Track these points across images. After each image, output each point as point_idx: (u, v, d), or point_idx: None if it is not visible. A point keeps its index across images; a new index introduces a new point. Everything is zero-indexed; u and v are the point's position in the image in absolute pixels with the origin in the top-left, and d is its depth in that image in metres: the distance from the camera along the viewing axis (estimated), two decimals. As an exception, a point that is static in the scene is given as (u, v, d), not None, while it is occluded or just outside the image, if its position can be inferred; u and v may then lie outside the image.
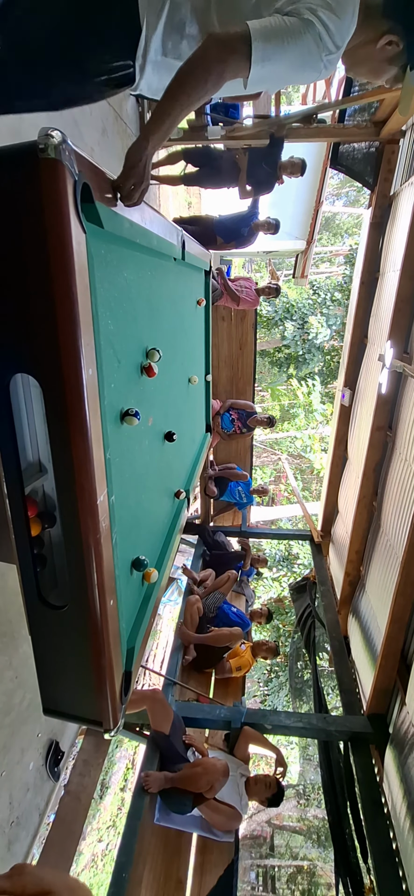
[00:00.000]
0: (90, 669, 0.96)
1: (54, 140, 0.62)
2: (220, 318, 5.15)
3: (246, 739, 3.02)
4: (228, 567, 4.67)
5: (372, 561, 3.58)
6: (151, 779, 2.60)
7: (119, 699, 1.03)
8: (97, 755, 3.13)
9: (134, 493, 1.27)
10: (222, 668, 3.85)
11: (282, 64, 0.89)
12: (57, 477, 0.83)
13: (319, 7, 0.88)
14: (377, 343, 3.66)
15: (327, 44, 0.90)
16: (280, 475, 12.81)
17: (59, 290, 0.68)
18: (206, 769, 2.63)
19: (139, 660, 1.18)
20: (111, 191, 0.90)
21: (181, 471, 2.08)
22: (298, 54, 0.89)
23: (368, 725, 2.92)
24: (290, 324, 10.06)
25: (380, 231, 3.83)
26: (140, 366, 1.27)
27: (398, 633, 2.73)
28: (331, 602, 4.32)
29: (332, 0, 0.89)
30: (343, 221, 16.41)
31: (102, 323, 0.92)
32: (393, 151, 3.55)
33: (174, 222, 2.01)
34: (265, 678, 8.81)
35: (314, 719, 3.24)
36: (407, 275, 2.98)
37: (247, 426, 5.06)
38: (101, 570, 0.90)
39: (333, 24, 0.89)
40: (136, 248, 1.21)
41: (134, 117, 3.48)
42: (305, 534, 5.64)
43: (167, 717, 2.82)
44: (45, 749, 2.39)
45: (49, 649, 1.00)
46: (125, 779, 7.87)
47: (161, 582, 1.40)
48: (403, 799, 2.32)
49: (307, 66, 0.92)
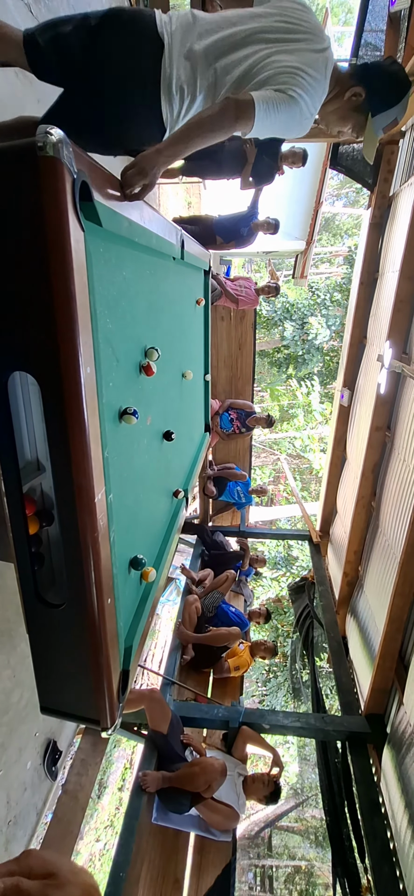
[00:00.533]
0: (88, 668, 0.96)
1: (53, 138, 0.62)
2: (219, 317, 5.15)
3: (244, 739, 3.02)
4: (227, 567, 4.68)
5: (370, 561, 3.58)
6: (149, 778, 2.60)
7: (117, 698, 1.03)
8: (95, 754, 3.13)
9: (132, 491, 1.26)
10: (221, 668, 3.85)
11: (275, 125, 1.20)
12: (55, 475, 0.83)
13: (302, 89, 1.17)
14: (376, 343, 3.66)
15: (306, 114, 1.22)
16: (279, 475, 12.81)
17: (57, 288, 0.68)
18: (203, 769, 2.63)
19: (137, 659, 1.18)
20: (114, 187, 0.90)
21: (180, 470, 2.08)
22: (286, 119, 1.19)
23: (366, 725, 2.92)
24: (289, 324, 10.07)
25: (379, 231, 3.83)
26: (139, 365, 1.27)
27: (396, 633, 2.74)
28: (329, 602, 4.33)
29: (311, 81, 1.19)
30: (343, 222, 16.42)
31: (101, 321, 0.92)
32: (392, 152, 3.56)
33: (174, 222, 2.01)
34: (264, 678, 8.82)
35: (312, 719, 3.24)
36: (406, 275, 2.98)
37: (246, 426, 5.06)
38: (99, 568, 0.90)
39: (311, 101, 1.21)
40: (136, 246, 1.21)
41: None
42: (303, 534, 5.64)
43: (165, 716, 2.82)
44: (43, 748, 2.39)
45: (47, 648, 1.00)
46: (123, 778, 7.87)
47: (159, 581, 1.40)
48: (400, 799, 2.33)
49: (292, 128, 1.24)
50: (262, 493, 5.67)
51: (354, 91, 1.28)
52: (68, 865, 0.45)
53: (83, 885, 0.44)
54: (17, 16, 1.75)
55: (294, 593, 5.23)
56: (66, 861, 0.45)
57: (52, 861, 0.44)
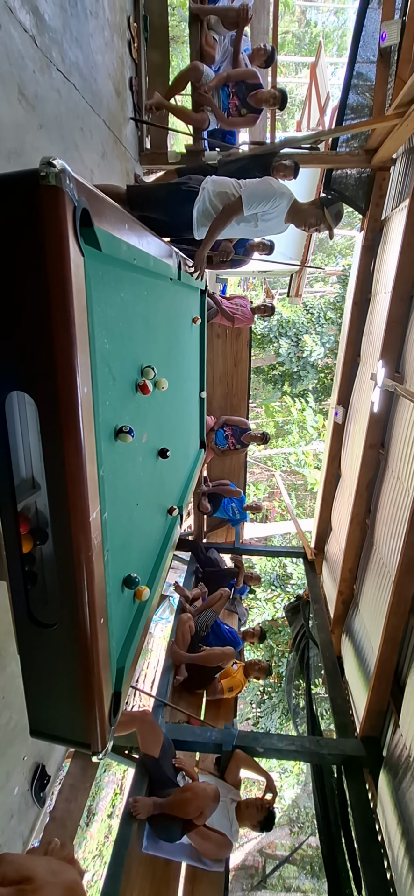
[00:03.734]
0: (79, 690, 0.95)
1: (55, 168, 0.64)
2: (215, 335, 5.20)
3: (237, 763, 2.96)
4: (221, 584, 4.64)
5: (365, 579, 3.57)
6: (140, 804, 2.53)
7: (108, 721, 1.02)
8: (84, 779, 3.04)
9: (127, 509, 1.26)
10: (214, 689, 3.78)
11: (257, 210, 2.31)
12: (50, 494, 0.83)
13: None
14: (370, 362, 3.71)
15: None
16: (274, 491, 12.80)
17: (56, 312, 0.69)
18: (196, 794, 2.56)
19: (129, 680, 1.17)
20: (113, 214, 0.94)
21: (175, 487, 2.08)
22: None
23: (362, 748, 2.87)
24: (284, 341, 10.20)
25: (372, 254, 3.92)
26: (135, 383, 1.28)
27: (391, 654, 2.72)
28: (324, 621, 4.29)
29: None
30: (336, 243, 16.77)
31: (98, 342, 0.93)
32: (384, 178, 3.66)
33: (170, 243, 2.05)
34: (258, 699, 8.66)
35: (307, 742, 3.19)
36: (398, 296, 3.05)
37: (241, 442, 5.07)
38: (93, 587, 0.89)
39: None
40: (134, 268, 1.23)
41: (133, 141, 3.56)
42: (298, 551, 5.62)
43: (157, 739, 2.76)
44: (31, 773, 2.32)
45: (38, 668, 0.98)
46: (113, 805, 7.63)
47: (153, 600, 1.39)
48: (397, 826, 2.28)
49: None
50: (256, 509, 5.66)
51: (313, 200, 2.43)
52: (46, 866, 0.43)
53: (64, 885, 0.42)
54: (21, 47, 1.80)
55: (290, 613, 5.19)
56: (45, 862, 0.43)
57: (27, 865, 0.42)
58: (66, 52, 2.23)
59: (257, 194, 2.29)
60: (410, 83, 2.62)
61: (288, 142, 3.80)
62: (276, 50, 3.56)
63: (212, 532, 6.05)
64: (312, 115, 7.70)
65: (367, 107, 3.57)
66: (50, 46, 2.05)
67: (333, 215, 2.24)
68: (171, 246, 1.90)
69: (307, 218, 2.32)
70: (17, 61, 1.78)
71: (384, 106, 3.31)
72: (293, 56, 15.78)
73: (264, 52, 3.45)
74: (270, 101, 3.37)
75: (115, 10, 3.05)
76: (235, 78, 3.43)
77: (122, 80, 3.23)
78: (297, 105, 13.85)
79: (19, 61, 1.80)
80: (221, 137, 3.76)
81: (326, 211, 2.23)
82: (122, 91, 3.23)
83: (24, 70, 1.83)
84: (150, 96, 3.65)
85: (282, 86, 3.63)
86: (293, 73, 16.15)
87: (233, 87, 3.44)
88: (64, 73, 2.21)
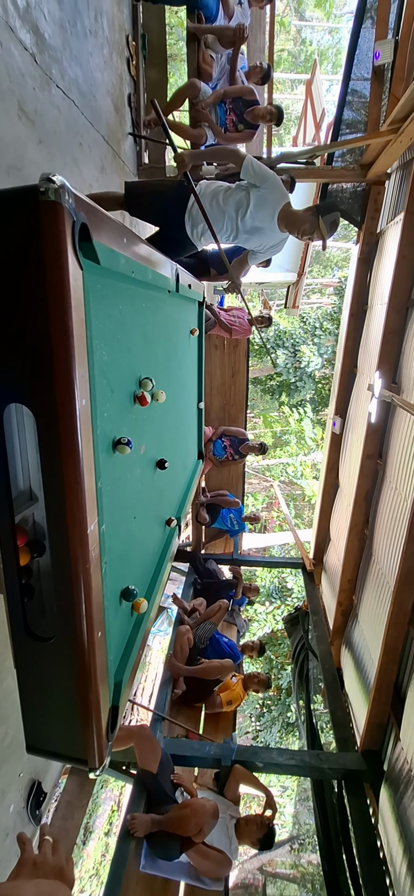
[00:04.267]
0: (76, 704, 0.94)
1: (54, 184, 0.64)
2: (213, 346, 5.23)
3: (236, 779, 2.91)
4: (220, 596, 4.60)
5: (364, 590, 3.56)
6: (138, 822, 2.49)
7: (105, 736, 1.00)
8: (81, 796, 2.99)
9: (125, 521, 1.26)
10: (213, 703, 3.74)
11: (253, 179, 2.26)
12: (48, 506, 0.83)
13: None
14: (367, 373, 3.74)
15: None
16: (272, 502, 12.79)
17: (55, 326, 0.70)
18: (194, 811, 2.52)
19: (127, 694, 1.15)
20: (113, 228, 0.95)
21: (173, 498, 2.07)
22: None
23: (363, 762, 2.84)
24: (282, 352, 10.26)
25: (368, 266, 3.97)
26: (133, 395, 1.29)
27: (391, 665, 2.70)
28: (323, 633, 4.26)
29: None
30: (333, 255, 16.98)
31: (97, 354, 0.94)
32: (379, 192, 3.72)
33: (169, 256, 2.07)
34: (257, 713, 8.56)
35: (307, 756, 3.14)
36: (394, 308, 3.08)
37: (239, 453, 5.08)
38: (90, 600, 0.88)
39: None
40: (132, 281, 1.24)
41: (131, 155, 3.62)
42: (297, 562, 5.60)
43: (155, 755, 2.72)
44: (27, 790, 2.28)
45: (34, 683, 0.97)
46: (110, 822, 7.48)
47: (151, 612, 1.38)
48: (399, 842, 2.24)
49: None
50: (255, 520, 5.65)
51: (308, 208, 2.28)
52: (34, 890, 0.41)
53: None
54: (22, 65, 1.84)
55: (289, 625, 5.15)
56: (33, 886, 0.42)
57: (13, 893, 0.41)
58: (65, 69, 2.27)
59: (256, 168, 2.23)
60: (404, 100, 2.68)
61: (284, 157, 3.87)
62: (272, 67, 3.65)
63: (210, 543, 6.03)
64: (307, 130, 7.85)
65: (361, 122, 3.64)
66: (50, 64, 2.09)
67: (327, 224, 2.13)
68: (170, 259, 1.92)
69: (301, 224, 2.20)
70: (17, 78, 1.81)
71: (379, 122, 3.38)
72: (289, 73, 16.10)
73: (261, 69, 3.53)
74: (267, 117, 3.44)
75: (115, 29, 3.11)
76: (232, 95, 3.49)
77: (120, 96, 3.29)
78: (293, 120, 14.10)
79: (19, 78, 1.83)
80: (218, 152, 3.81)
81: (320, 219, 2.12)
82: (120, 107, 3.29)
83: (24, 87, 1.86)
84: (148, 112, 3.71)
85: (278, 102, 3.71)
86: (289, 90, 16.48)
87: (230, 104, 3.50)
88: (63, 90, 2.25)
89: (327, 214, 2.13)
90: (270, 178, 2.23)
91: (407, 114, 2.77)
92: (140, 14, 3.71)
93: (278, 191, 2.25)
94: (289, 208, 2.26)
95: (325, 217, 2.12)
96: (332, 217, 2.14)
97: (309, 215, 2.16)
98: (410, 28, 2.93)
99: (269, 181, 2.22)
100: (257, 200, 2.26)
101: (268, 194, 2.24)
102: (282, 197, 2.26)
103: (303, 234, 2.22)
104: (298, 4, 14.88)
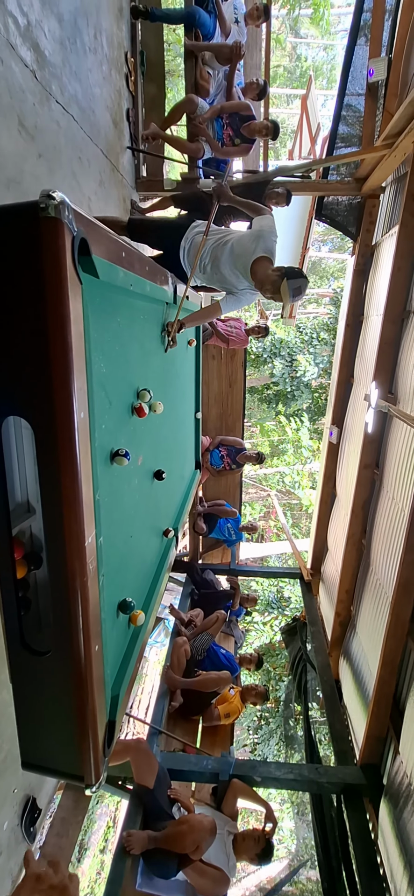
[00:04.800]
0: (73, 720, 0.93)
1: (55, 200, 0.65)
2: (210, 356, 5.26)
3: (234, 793, 2.87)
4: (217, 606, 4.57)
5: (362, 600, 3.54)
6: (134, 839, 2.44)
7: (102, 751, 0.99)
8: (76, 812, 2.93)
9: (122, 532, 1.25)
10: (210, 716, 3.70)
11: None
12: (45, 519, 0.82)
13: (243, 290, 2.35)
14: (363, 383, 3.76)
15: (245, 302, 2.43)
16: (269, 511, 12.77)
17: (54, 339, 0.70)
18: (192, 827, 2.48)
19: (124, 708, 1.14)
20: (111, 242, 0.95)
21: (170, 509, 2.07)
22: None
23: (362, 776, 2.80)
24: (278, 361, 10.31)
25: (363, 277, 4.02)
26: (131, 406, 1.29)
27: (390, 677, 2.68)
28: (321, 644, 4.24)
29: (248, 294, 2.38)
30: (329, 266, 17.16)
31: (95, 366, 0.94)
32: (374, 205, 3.78)
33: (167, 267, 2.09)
34: (255, 725, 8.46)
35: (305, 770, 3.10)
36: (390, 319, 3.11)
37: (236, 462, 5.08)
38: (87, 613, 0.88)
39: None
40: (130, 294, 1.25)
41: (130, 169, 3.66)
42: (294, 572, 5.58)
43: (151, 769, 2.68)
44: (22, 807, 2.24)
45: (30, 697, 0.96)
46: (105, 839, 7.34)
47: (148, 624, 1.37)
48: (399, 858, 2.21)
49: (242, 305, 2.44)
50: (252, 529, 5.63)
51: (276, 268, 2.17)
52: None
53: None
54: (22, 81, 1.86)
55: (287, 636, 5.11)
56: None
57: None
58: (65, 85, 2.30)
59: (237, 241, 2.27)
60: (398, 116, 2.73)
61: (281, 170, 3.92)
62: (268, 83, 3.71)
63: (207, 553, 6.00)
64: (303, 144, 7.97)
65: (356, 137, 3.71)
66: (50, 80, 2.12)
67: (291, 290, 2.02)
68: (167, 271, 1.94)
69: (265, 282, 2.13)
70: (17, 94, 1.84)
71: (373, 137, 3.45)
72: (285, 88, 16.40)
73: (257, 86, 3.59)
74: (263, 131, 3.50)
75: (114, 46, 3.16)
76: (229, 110, 3.55)
77: (119, 111, 3.33)
78: (289, 134, 14.33)
79: (20, 94, 1.86)
80: (215, 166, 3.87)
81: (284, 282, 2.01)
82: (119, 122, 3.33)
83: (24, 102, 1.89)
84: (146, 127, 3.77)
85: (274, 117, 3.77)
86: (285, 105, 16.77)
87: (227, 119, 3.56)
88: (63, 106, 2.28)
89: (293, 279, 2.04)
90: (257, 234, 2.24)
91: (401, 129, 2.82)
92: (139, 31, 3.78)
93: (261, 237, 2.23)
94: (262, 262, 2.17)
95: (290, 281, 2.03)
96: (296, 283, 2.04)
97: (274, 276, 2.08)
98: (403, 46, 3.00)
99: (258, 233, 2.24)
100: (235, 239, 2.30)
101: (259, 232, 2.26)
102: (263, 239, 2.22)
103: (264, 292, 2.17)
104: (294, 23, 15.20)
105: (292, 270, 2.09)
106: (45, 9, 2.06)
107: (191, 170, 3.79)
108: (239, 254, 2.25)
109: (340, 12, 15.16)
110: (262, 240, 2.21)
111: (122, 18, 3.38)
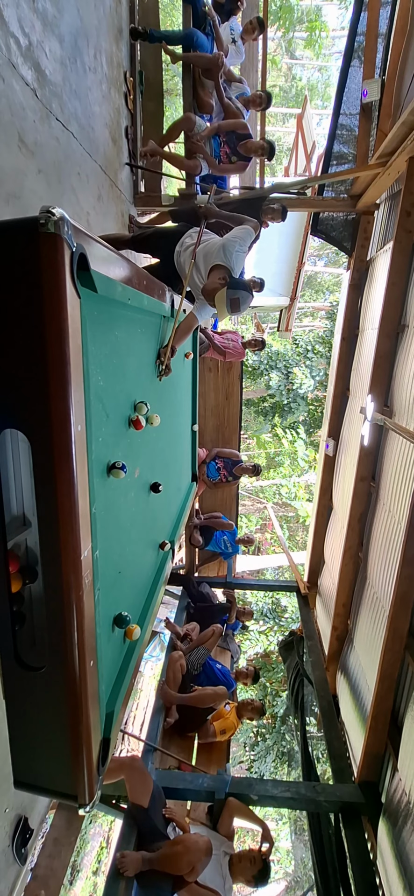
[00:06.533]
0: (67, 737, 0.91)
1: (54, 217, 0.66)
2: (207, 369, 5.28)
3: (230, 812, 2.81)
4: (213, 620, 4.53)
5: (359, 614, 3.52)
6: (128, 860, 2.38)
7: (96, 770, 0.97)
8: (69, 832, 2.86)
9: (118, 546, 1.25)
10: (206, 732, 3.64)
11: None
12: (41, 532, 0.82)
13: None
14: (359, 396, 3.79)
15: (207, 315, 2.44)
16: (266, 523, 12.74)
17: (52, 353, 0.70)
18: (187, 848, 2.42)
19: (118, 725, 1.12)
20: (109, 257, 0.96)
21: (166, 521, 2.06)
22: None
23: (360, 794, 2.76)
24: (275, 374, 10.38)
25: (359, 292, 4.07)
26: (128, 419, 1.29)
27: (388, 693, 2.65)
28: (318, 658, 4.20)
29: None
30: (324, 280, 17.38)
31: (93, 379, 0.94)
32: (369, 221, 3.85)
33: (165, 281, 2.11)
34: (251, 742, 8.33)
35: (303, 788, 3.05)
36: (385, 333, 3.14)
37: (232, 474, 5.07)
38: (83, 628, 0.87)
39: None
40: (128, 308, 1.26)
41: (128, 185, 3.71)
42: (291, 585, 5.55)
43: (146, 788, 2.62)
44: (13, 827, 2.18)
45: (23, 714, 0.94)
46: (98, 860, 7.15)
47: (143, 638, 1.36)
48: (399, 880, 2.17)
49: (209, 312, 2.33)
50: (249, 542, 5.61)
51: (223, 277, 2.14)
52: None
53: None
54: (23, 99, 1.89)
55: (284, 650, 5.06)
56: None
57: None
58: (65, 103, 2.34)
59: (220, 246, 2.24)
60: (391, 136, 2.79)
61: (277, 187, 3.99)
62: (271, 96, 3.83)
63: (204, 565, 5.96)
64: (299, 161, 8.13)
65: (350, 155, 3.79)
66: (50, 98, 2.16)
67: (228, 300, 1.96)
68: (165, 285, 1.95)
69: (206, 289, 2.11)
70: (18, 112, 1.87)
71: (367, 155, 3.52)
72: (281, 107, 16.77)
73: (261, 100, 3.72)
74: (259, 151, 3.57)
75: (113, 65, 3.23)
76: (226, 129, 3.63)
77: (118, 128, 3.39)
78: (284, 152, 14.62)
79: (20, 112, 1.89)
80: (212, 182, 3.94)
81: (223, 291, 1.97)
82: (118, 139, 3.39)
83: (24, 120, 1.92)
84: (145, 144, 3.83)
85: (270, 135, 3.86)
86: (281, 123, 17.14)
87: (224, 137, 3.63)
88: (63, 123, 2.32)
89: (232, 290, 1.98)
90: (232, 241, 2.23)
91: (394, 148, 2.89)
92: (138, 52, 3.87)
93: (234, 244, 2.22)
94: (217, 269, 2.15)
95: (229, 291, 1.97)
96: (235, 294, 1.97)
97: (218, 284, 2.05)
98: (396, 69, 3.08)
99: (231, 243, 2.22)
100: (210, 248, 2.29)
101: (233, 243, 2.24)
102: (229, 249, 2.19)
103: (207, 300, 2.15)
104: (289, 45, 15.60)
105: (236, 282, 2.04)
106: (47, 30, 2.10)
107: (188, 186, 3.84)
108: (204, 261, 2.26)
109: (335, 35, 15.57)
110: (223, 248, 2.19)
111: (121, 39, 3.45)
